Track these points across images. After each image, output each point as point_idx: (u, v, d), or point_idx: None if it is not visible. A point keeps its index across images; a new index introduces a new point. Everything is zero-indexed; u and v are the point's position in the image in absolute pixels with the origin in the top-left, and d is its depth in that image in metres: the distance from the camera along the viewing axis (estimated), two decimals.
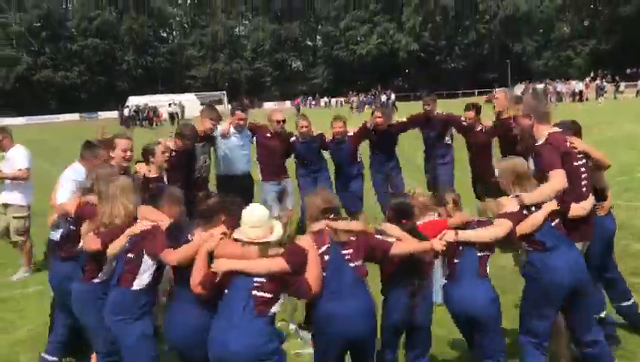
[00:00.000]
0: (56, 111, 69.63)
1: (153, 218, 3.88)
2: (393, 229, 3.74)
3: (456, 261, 3.89)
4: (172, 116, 45.66)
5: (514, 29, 74.72)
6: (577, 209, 4.02)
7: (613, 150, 12.78)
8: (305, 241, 3.55)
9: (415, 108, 9.49)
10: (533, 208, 3.84)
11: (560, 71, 65.60)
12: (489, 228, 3.90)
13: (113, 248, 3.79)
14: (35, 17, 78.43)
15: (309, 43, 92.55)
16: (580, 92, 45.29)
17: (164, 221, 3.85)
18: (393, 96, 52.81)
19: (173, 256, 3.57)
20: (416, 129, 8.35)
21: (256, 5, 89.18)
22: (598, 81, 46.29)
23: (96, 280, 4.00)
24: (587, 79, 49.06)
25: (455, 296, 3.88)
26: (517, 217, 3.82)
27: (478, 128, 7.60)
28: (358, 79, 76.63)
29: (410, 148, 9.69)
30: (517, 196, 3.88)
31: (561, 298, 3.78)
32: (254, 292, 3.27)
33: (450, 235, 3.77)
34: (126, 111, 48.53)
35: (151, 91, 68.47)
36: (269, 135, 7.48)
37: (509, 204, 3.89)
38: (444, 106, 9.07)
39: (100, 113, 66.30)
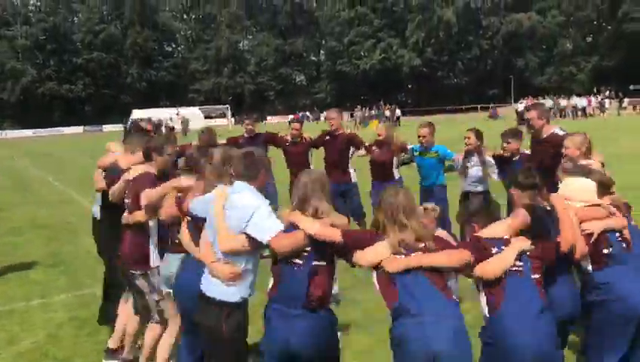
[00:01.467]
0: (60, 123, 69.99)
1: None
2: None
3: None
4: (171, 129, 45.74)
5: (517, 44, 75.01)
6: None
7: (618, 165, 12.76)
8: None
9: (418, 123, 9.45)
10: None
11: (563, 87, 65.73)
12: None
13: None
14: (40, 31, 78.98)
15: (313, 58, 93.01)
16: (584, 108, 45.39)
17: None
18: (398, 112, 52.75)
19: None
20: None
21: (261, 21, 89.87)
22: (600, 97, 46.48)
23: None
24: (592, 97, 49.08)
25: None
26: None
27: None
28: (361, 94, 76.89)
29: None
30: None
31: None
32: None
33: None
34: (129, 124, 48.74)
35: (154, 105, 68.82)
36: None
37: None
38: (447, 121, 9.08)
39: (103, 126, 66.61)
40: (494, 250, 3.23)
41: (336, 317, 3.35)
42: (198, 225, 3.73)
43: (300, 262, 3.23)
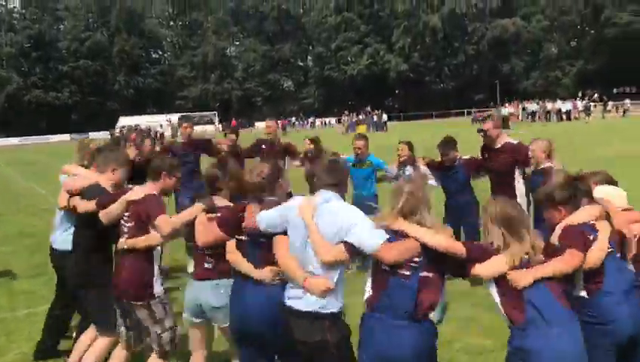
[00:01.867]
0: (47, 131, 69.48)
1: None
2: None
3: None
4: (160, 136, 45.69)
5: (502, 49, 75.62)
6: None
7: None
8: None
9: (405, 128, 9.54)
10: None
11: (548, 91, 66.33)
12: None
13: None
14: (25, 38, 78.53)
15: (301, 63, 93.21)
16: (568, 111, 45.86)
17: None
18: (385, 117, 53.09)
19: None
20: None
21: (248, 27, 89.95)
22: (585, 101, 46.96)
23: None
24: (577, 100, 49.61)
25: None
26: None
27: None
28: (348, 99, 77.15)
29: None
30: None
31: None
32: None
33: None
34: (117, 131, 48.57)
35: (141, 112, 68.63)
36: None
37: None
38: (434, 126, 9.18)
39: (90, 134, 66.22)
40: (591, 237, 3.38)
41: (436, 328, 3.30)
42: (258, 243, 3.57)
43: (408, 273, 3.12)
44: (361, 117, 54.17)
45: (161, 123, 50.96)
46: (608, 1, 65.53)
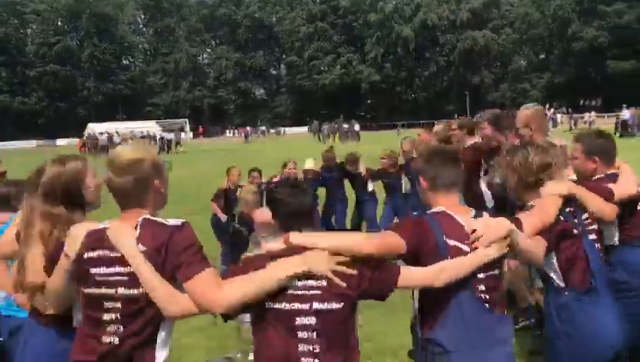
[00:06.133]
0: (12, 137, 67.91)
1: None
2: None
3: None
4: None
5: (472, 61, 76.77)
6: None
7: None
8: None
9: (377, 138, 9.62)
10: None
11: (517, 102, 67.32)
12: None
13: None
14: None
15: (273, 72, 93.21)
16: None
17: None
18: (357, 126, 53.23)
19: None
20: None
21: (220, 34, 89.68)
22: (552, 112, 47.86)
23: None
24: (546, 111, 50.52)
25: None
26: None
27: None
28: (321, 108, 77.33)
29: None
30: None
31: None
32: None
33: None
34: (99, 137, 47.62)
35: (111, 118, 67.67)
36: None
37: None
38: (405, 136, 9.26)
39: (58, 140, 65.07)
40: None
41: None
42: None
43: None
44: (334, 125, 54.31)
45: (113, 131, 49.05)
46: (575, 16, 67.13)
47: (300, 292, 2.30)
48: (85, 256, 2.33)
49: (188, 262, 2.24)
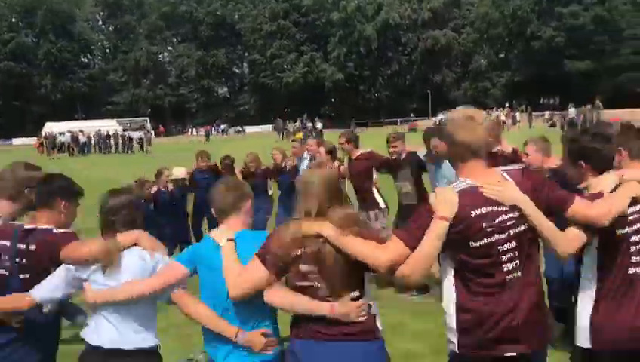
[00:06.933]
0: None
1: None
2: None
3: None
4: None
5: (434, 60, 77.65)
6: None
7: None
8: None
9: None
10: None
11: (478, 101, 68.49)
12: None
13: None
14: None
15: (236, 70, 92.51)
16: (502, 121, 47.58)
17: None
18: (320, 125, 53.44)
19: None
20: None
21: (182, 32, 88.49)
22: (512, 111, 48.94)
23: None
24: (506, 109, 51.58)
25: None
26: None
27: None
28: (284, 107, 77.13)
29: None
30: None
31: None
32: None
33: None
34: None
35: (70, 117, 66.21)
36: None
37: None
38: (369, 136, 9.26)
39: (14, 140, 63.31)
40: None
41: None
42: None
43: None
44: (296, 125, 54.39)
45: (75, 130, 48.67)
46: (533, 16, 68.55)
47: None
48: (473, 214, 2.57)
49: None
